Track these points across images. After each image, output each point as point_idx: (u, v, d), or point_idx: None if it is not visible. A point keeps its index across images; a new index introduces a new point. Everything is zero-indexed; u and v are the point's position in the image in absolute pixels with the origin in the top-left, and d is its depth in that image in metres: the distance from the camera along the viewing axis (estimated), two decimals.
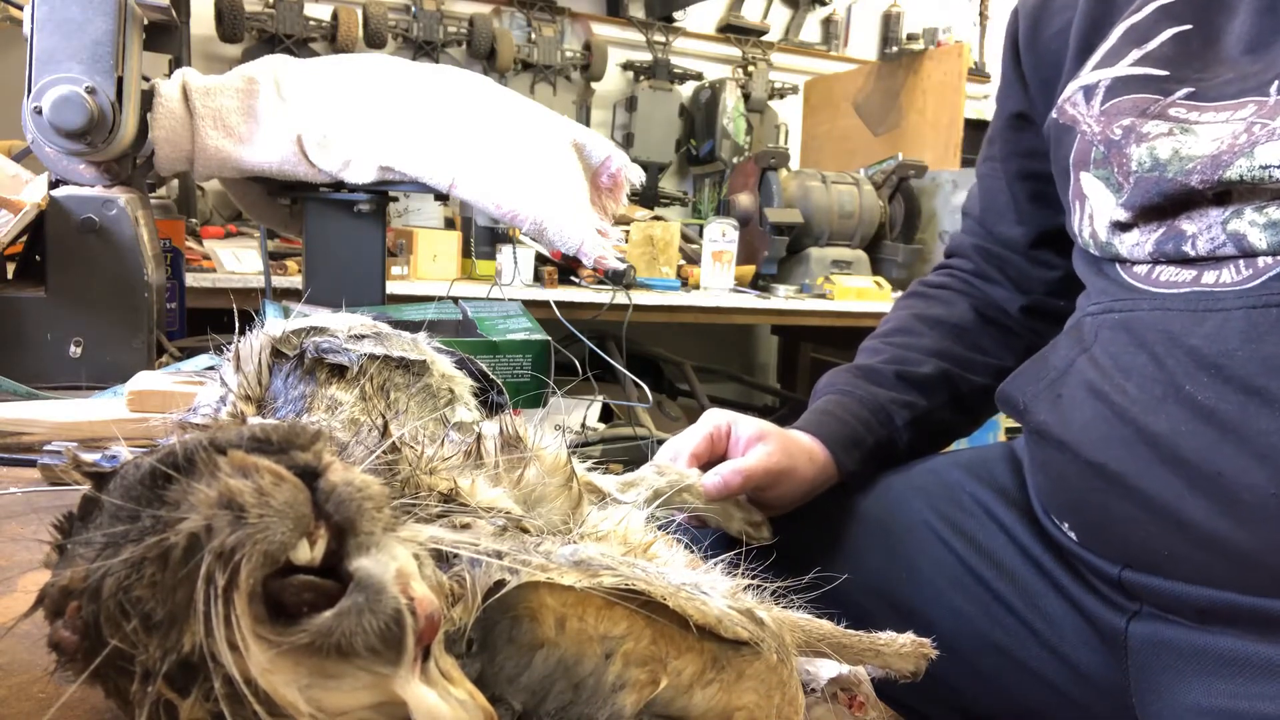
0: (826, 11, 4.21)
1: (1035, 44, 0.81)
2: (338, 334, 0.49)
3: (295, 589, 0.25)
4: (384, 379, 0.48)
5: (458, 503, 0.35)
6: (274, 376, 0.46)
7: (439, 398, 0.51)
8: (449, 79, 1.19)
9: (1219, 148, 0.58)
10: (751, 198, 2.93)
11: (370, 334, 0.50)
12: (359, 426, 0.41)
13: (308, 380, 0.46)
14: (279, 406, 0.45)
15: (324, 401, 0.44)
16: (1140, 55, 0.67)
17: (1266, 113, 0.57)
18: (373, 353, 0.48)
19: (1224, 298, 0.58)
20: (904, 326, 0.91)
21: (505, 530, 0.34)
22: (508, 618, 0.28)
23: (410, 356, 0.50)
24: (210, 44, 3.03)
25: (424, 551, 0.29)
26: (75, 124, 0.95)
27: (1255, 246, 0.57)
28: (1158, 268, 0.63)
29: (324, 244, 1.22)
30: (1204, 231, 0.60)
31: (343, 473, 0.27)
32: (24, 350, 0.98)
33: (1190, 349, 0.58)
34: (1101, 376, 0.63)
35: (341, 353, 0.47)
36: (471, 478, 0.38)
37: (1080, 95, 0.70)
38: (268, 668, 0.25)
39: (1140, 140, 0.63)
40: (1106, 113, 0.67)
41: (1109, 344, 0.64)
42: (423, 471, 0.36)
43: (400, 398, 0.48)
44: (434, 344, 0.55)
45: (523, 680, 0.28)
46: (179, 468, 0.26)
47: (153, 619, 0.25)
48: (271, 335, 0.48)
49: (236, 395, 0.45)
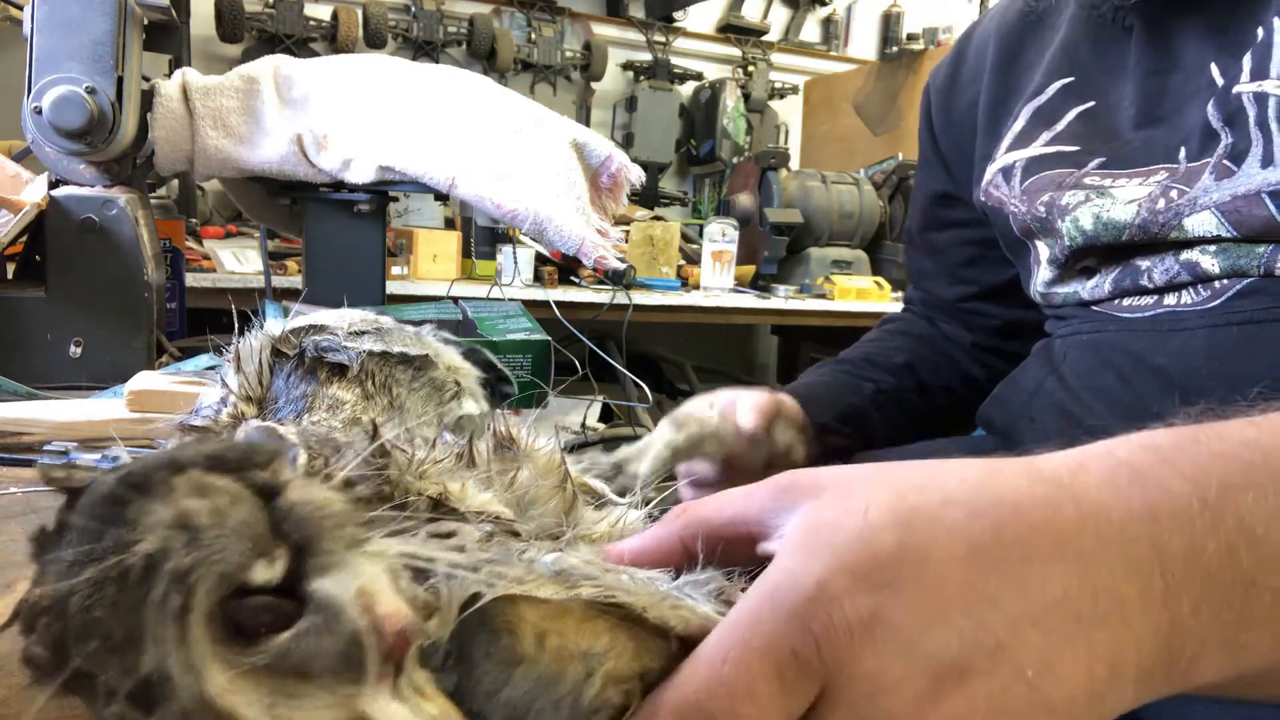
0: (826, 11, 4.21)
1: (948, 122, 0.84)
2: (337, 332, 0.48)
3: (253, 610, 0.25)
4: (386, 375, 0.47)
5: (447, 507, 0.35)
6: (275, 376, 0.46)
7: (445, 391, 0.50)
8: (449, 79, 1.19)
9: (1140, 213, 0.60)
10: (751, 198, 2.93)
11: (371, 330, 0.50)
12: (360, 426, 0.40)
13: (309, 380, 0.45)
14: (280, 407, 0.44)
15: (325, 401, 0.44)
16: (1051, 136, 0.69)
17: (1180, 178, 0.59)
18: (372, 350, 0.48)
19: (1187, 318, 0.59)
20: (871, 337, 0.95)
21: (492, 536, 0.33)
22: (486, 631, 0.28)
23: (411, 352, 0.49)
24: (210, 44, 3.03)
25: (400, 564, 0.28)
26: (75, 124, 0.95)
27: (1209, 272, 0.58)
28: (1119, 299, 0.65)
29: (324, 244, 1.22)
30: (1158, 264, 0.61)
31: (302, 490, 0.27)
32: (24, 350, 0.98)
33: (1156, 369, 0.59)
34: (1070, 397, 0.65)
35: (341, 351, 0.47)
36: (462, 481, 0.37)
37: (1000, 177, 0.72)
38: (227, 688, 0.25)
39: (1063, 214, 0.65)
40: (1027, 191, 0.69)
41: (1077, 364, 0.66)
42: (412, 475, 0.35)
43: (403, 393, 0.48)
44: (440, 336, 0.54)
45: (502, 696, 0.27)
46: (138, 486, 0.26)
47: (113, 639, 0.24)
48: (271, 335, 0.48)
49: (237, 396, 0.44)
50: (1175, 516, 0.29)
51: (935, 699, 0.26)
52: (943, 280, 0.91)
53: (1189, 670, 0.29)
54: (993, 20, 0.81)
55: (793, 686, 0.26)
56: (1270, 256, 0.55)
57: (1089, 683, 0.27)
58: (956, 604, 0.27)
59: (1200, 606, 0.28)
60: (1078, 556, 0.28)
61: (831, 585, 0.27)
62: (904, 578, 0.27)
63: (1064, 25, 0.73)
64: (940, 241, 0.90)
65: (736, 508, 0.32)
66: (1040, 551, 0.28)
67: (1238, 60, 0.57)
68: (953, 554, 0.27)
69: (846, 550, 0.28)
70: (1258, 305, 0.56)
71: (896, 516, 0.28)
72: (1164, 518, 0.29)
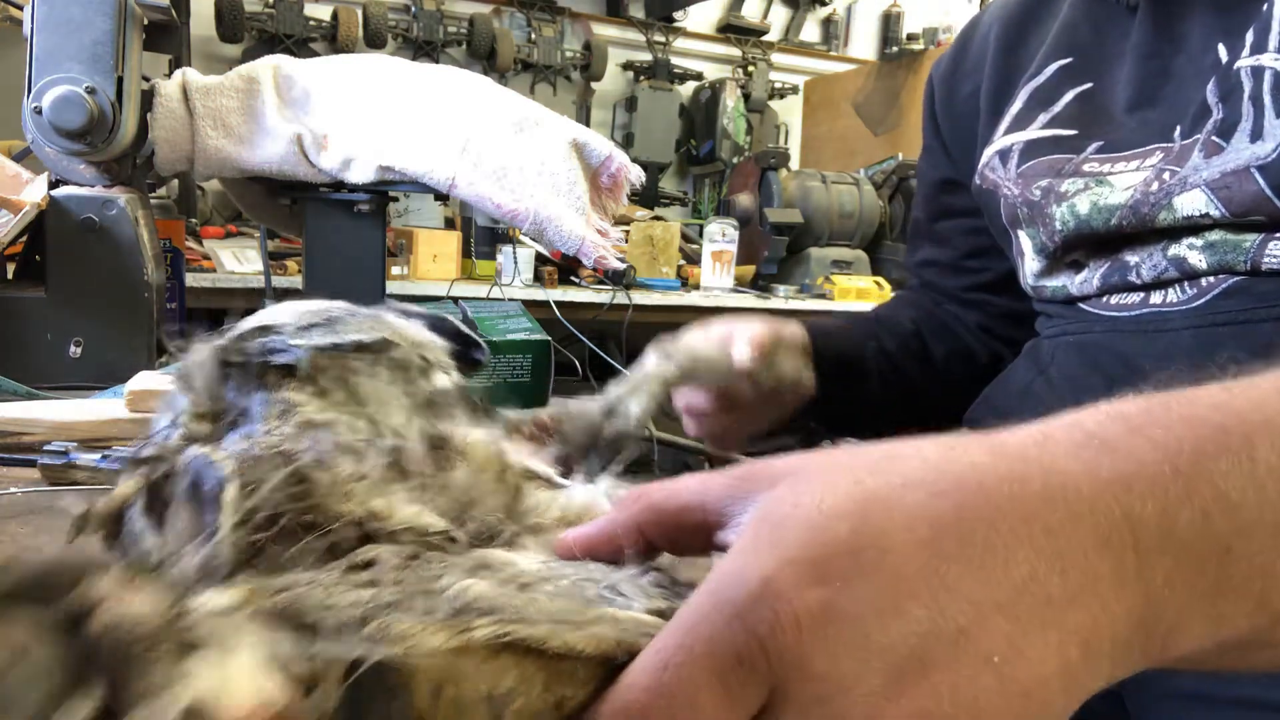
0: (826, 11, 4.21)
1: (951, 109, 0.84)
2: (283, 329, 0.44)
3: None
4: (340, 368, 0.43)
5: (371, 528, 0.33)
6: (227, 387, 0.42)
7: (410, 369, 0.45)
8: (449, 79, 1.19)
9: (1134, 196, 0.60)
10: (751, 198, 2.93)
11: (320, 322, 0.45)
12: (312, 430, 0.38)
13: (258, 386, 0.42)
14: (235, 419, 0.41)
15: (277, 407, 0.40)
16: (1048, 118, 0.69)
17: (1173, 159, 0.59)
18: (319, 344, 0.43)
19: (1172, 318, 0.59)
20: (879, 308, 0.96)
21: (416, 557, 0.31)
22: (382, 693, 0.26)
23: (366, 338, 0.45)
24: (210, 44, 3.03)
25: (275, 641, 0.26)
26: (75, 124, 0.95)
27: (1196, 268, 0.58)
28: (1106, 296, 0.65)
29: (324, 244, 1.22)
30: (1146, 260, 0.61)
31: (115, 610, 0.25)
32: (24, 350, 0.98)
33: (1143, 370, 0.59)
34: (1058, 399, 0.65)
35: (286, 350, 0.43)
36: (389, 496, 0.35)
37: (997, 160, 0.71)
38: None
39: (1060, 199, 0.64)
40: (1024, 175, 0.68)
41: (1065, 366, 0.66)
42: (336, 498, 0.33)
43: (362, 382, 0.43)
44: (399, 309, 0.50)
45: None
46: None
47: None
48: (218, 345, 0.43)
49: (189, 415, 0.41)
50: (1147, 484, 0.27)
51: (894, 695, 0.25)
52: (949, 271, 0.91)
53: (1166, 642, 0.28)
54: (997, 7, 0.81)
55: (738, 692, 0.25)
56: (1258, 250, 0.55)
57: (1062, 664, 0.26)
58: (916, 593, 0.25)
59: (1174, 577, 0.27)
60: (1046, 532, 0.26)
61: (778, 580, 0.25)
62: (858, 568, 0.25)
63: (1066, 7, 0.73)
64: (946, 230, 0.89)
65: (693, 494, 0.31)
66: (1005, 530, 0.26)
67: (1242, 38, 0.57)
68: (913, 539, 0.26)
69: (796, 542, 0.26)
70: (1241, 305, 0.56)
71: (852, 504, 0.27)
72: (1136, 486, 0.27)
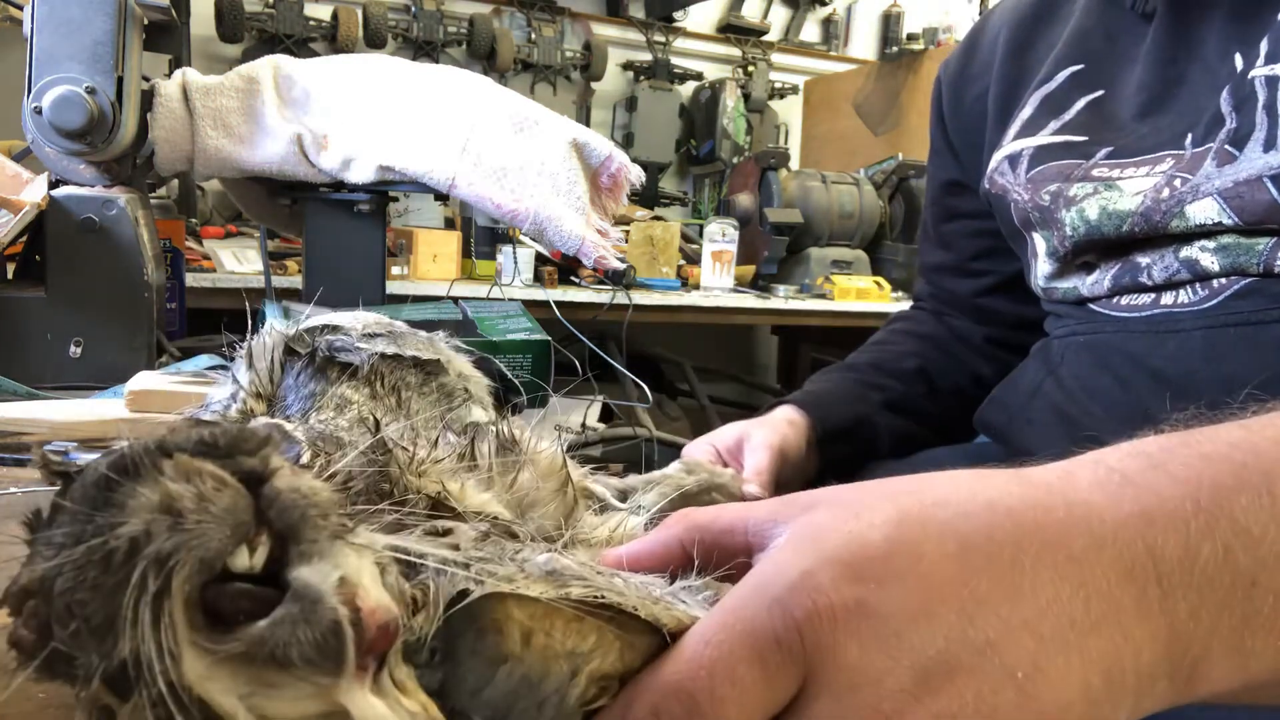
0: (826, 11, 4.21)
1: (959, 111, 0.84)
2: (351, 333, 0.49)
3: (232, 597, 0.25)
4: (396, 379, 0.48)
5: (446, 506, 0.34)
6: (286, 374, 0.47)
7: (454, 397, 0.50)
8: (449, 79, 1.19)
9: (1144, 201, 0.60)
10: (751, 198, 2.93)
11: (384, 333, 0.50)
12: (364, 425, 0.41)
13: (319, 378, 0.46)
14: (289, 404, 0.45)
15: (334, 400, 0.44)
16: (1059, 125, 0.69)
17: (1184, 166, 0.58)
18: (384, 352, 0.48)
19: (1183, 319, 0.59)
20: (880, 340, 0.94)
21: (488, 536, 0.33)
22: (473, 629, 0.27)
23: (424, 356, 0.50)
24: (210, 44, 3.03)
25: (388, 558, 0.28)
26: (75, 124, 0.94)
27: (1209, 270, 0.58)
28: (1117, 296, 0.64)
29: (324, 244, 1.22)
30: (1158, 261, 0.61)
31: (289, 479, 0.27)
32: (24, 350, 0.98)
33: (1153, 370, 0.58)
34: (1068, 399, 0.64)
35: (353, 351, 0.48)
36: (462, 481, 0.37)
37: (1006, 164, 0.71)
38: (204, 674, 0.24)
39: (1069, 204, 0.64)
40: (1033, 180, 0.68)
41: (1075, 366, 0.65)
42: (412, 474, 0.35)
43: (411, 397, 0.48)
44: (452, 343, 0.55)
45: (485, 695, 0.27)
46: (126, 470, 0.26)
47: (93, 622, 0.24)
48: (285, 333, 0.48)
49: (247, 393, 0.45)
50: (1168, 519, 0.28)
51: (920, 695, 0.26)
52: (957, 274, 0.90)
53: (1193, 678, 0.28)
54: (1005, 10, 0.81)
55: (775, 671, 0.26)
56: (1270, 253, 0.55)
57: (1084, 689, 0.26)
58: (946, 600, 0.26)
59: (1199, 611, 0.27)
60: (1069, 559, 0.27)
61: (817, 574, 0.27)
62: (892, 571, 0.27)
63: (1077, 12, 0.72)
64: (953, 233, 0.89)
65: (737, 517, 0.32)
66: (1031, 554, 0.27)
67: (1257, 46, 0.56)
68: (943, 552, 0.27)
69: (834, 545, 0.28)
70: (1254, 306, 0.56)
71: (886, 518, 0.28)
72: (1157, 520, 0.28)
